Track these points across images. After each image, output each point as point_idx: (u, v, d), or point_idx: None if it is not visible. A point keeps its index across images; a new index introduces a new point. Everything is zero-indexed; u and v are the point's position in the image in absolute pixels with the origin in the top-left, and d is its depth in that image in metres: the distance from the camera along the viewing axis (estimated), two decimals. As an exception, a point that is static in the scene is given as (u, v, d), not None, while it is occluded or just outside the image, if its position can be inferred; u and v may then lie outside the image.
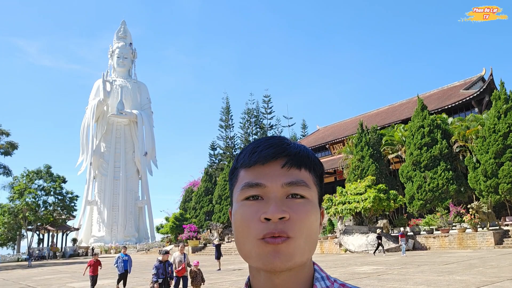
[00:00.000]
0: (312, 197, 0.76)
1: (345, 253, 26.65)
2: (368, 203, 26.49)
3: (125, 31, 75.81)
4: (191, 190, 58.87)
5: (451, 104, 36.78)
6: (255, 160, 0.76)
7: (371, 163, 32.69)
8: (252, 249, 0.71)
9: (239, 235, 0.74)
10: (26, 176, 53.14)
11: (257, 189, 0.74)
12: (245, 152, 0.79)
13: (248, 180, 0.75)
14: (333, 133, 51.78)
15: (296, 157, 0.77)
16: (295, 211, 0.72)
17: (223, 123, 76.82)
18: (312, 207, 0.75)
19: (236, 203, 0.77)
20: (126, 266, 13.77)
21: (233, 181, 0.81)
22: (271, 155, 0.75)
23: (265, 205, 0.72)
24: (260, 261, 0.71)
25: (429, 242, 25.11)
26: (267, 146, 0.77)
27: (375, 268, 15.80)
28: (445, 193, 28.19)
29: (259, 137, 8.31)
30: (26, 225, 53.07)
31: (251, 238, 0.71)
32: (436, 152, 29.16)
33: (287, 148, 0.77)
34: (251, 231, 0.71)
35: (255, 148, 0.78)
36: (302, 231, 0.71)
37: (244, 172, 0.77)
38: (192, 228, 42.24)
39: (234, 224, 0.76)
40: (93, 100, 68.53)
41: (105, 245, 58.79)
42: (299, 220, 0.72)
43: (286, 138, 0.82)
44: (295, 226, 0.71)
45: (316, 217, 0.76)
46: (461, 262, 15.92)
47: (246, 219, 0.72)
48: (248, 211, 0.73)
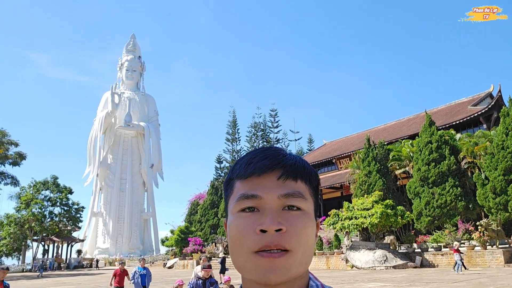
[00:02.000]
0: (308, 208, 0.75)
1: (352, 269, 26.31)
2: (375, 219, 26.22)
3: (134, 45, 76.83)
4: (196, 203, 58.76)
5: (459, 120, 36.60)
6: (251, 172, 0.75)
7: (378, 178, 32.47)
8: (247, 261, 0.70)
9: (234, 246, 0.73)
10: (33, 187, 53.39)
11: (252, 200, 0.73)
12: (241, 163, 0.78)
13: (243, 192, 0.74)
14: (340, 148, 51.63)
15: (292, 168, 0.76)
16: (292, 223, 0.71)
17: (229, 136, 77.02)
18: (309, 219, 0.74)
19: (232, 215, 0.75)
20: (144, 282, 12.17)
21: (228, 192, 0.79)
22: (267, 166, 0.74)
23: (261, 217, 0.71)
24: (255, 274, 0.69)
25: (437, 259, 24.73)
26: (263, 157, 0.76)
27: (382, 285, 15.56)
28: (453, 209, 27.86)
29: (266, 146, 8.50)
30: (31, 235, 53.13)
31: (246, 250, 0.70)
32: (444, 168, 28.92)
33: (283, 159, 0.76)
34: (246, 243, 0.70)
35: (251, 159, 0.77)
36: (299, 244, 0.70)
37: (239, 183, 0.76)
38: (197, 241, 42.01)
39: (229, 236, 0.75)
40: (101, 112, 69.14)
41: (109, 257, 58.57)
42: (296, 232, 0.70)
43: (282, 149, 0.81)
44: (292, 239, 0.69)
45: (313, 229, 0.75)
46: (471, 280, 15.64)
47: (242, 231, 0.71)
48: (244, 222, 0.72)
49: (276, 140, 78.92)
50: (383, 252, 25.61)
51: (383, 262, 25.01)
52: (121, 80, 75.27)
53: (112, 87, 69.70)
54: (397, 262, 24.85)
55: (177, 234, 45.20)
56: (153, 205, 70.75)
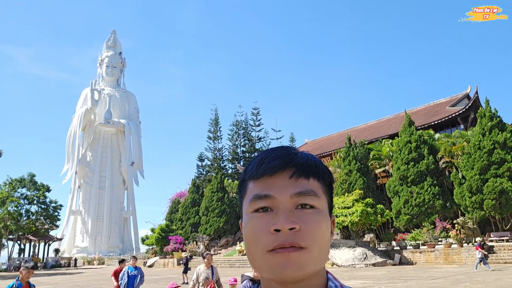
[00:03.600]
0: (322, 206, 0.75)
1: (332, 267, 26.57)
2: (355, 217, 26.55)
3: (114, 40, 75.69)
4: (177, 201, 58.30)
5: (437, 121, 37.34)
6: (263, 172, 0.75)
7: (359, 177, 32.86)
8: (262, 261, 0.71)
9: (250, 247, 0.73)
10: (9, 184, 52.03)
11: (266, 200, 0.73)
12: (253, 164, 0.79)
13: (256, 192, 0.74)
14: (321, 147, 52.04)
15: (304, 166, 0.76)
16: (305, 221, 0.71)
17: (211, 134, 76.69)
18: (323, 217, 0.74)
19: (246, 216, 0.76)
20: (132, 284, 10.15)
21: (242, 193, 0.80)
22: (279, 166, 0.75)
23: (275, 217, 0.71)
24: (271, 272, 0.70)
25: (415, 257, 25.19)
26: (274, 157, 0.76)
27: (362, 283, 15.77)
28: (431, 208, 28.42)
29: (247, 150, 8.24)
30: (7, 234, 51.78)
31: (261, 250, 0.71)
32: (423, 167, 29.46)
33: (294, 158, 0.77)
34: (261, 243, 0.71)
35: (262, 160, 0.77)
36: (314, 242, 0.70)
37: (252, 184, 0.77)
38: (178, 239, 41.73)
39: (245, 237, 0.75)
40: (81, 109, 67.97)
41: (88, 256, 57.68)
42: (310, 230, 0.71)
43: (293, 148, 0.81)
44: (307, 237, 0.70)
45: (327, 226, 0.75)
46: (448, 277, 15.99)
47: (256, 231, 0.72)
48: (258, 223, 0.72)
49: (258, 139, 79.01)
50: (363, 250, 25.96)
51: (363, 260, 25.35)
52: (101, 76, 74.09)
53: (91, 83, 68.53)
54: (376, 259, 25.22)
55: (158, 233, 44.81)
56: (133, 203, 69.97)
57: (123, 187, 69.54)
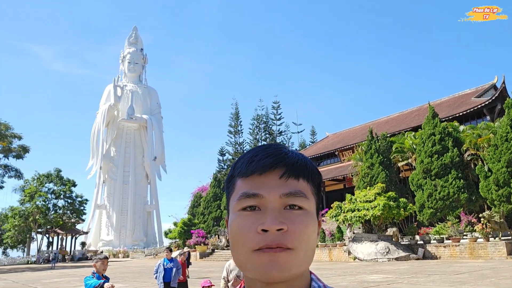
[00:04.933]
0: (310, 208, 0.75)
1: (354, 261, 26.42)
2: (377, 211, 26.26)
3: (136, 37, 76.62)
4: (199, 196, 58.95)
5: (462, 112, 36.43)
6: (253, 170, 0.74)
7: (381, 170, 32.45)
8: (248, 260, 0.70)
9: (235, 246, 0.73)
10: (37, 179, 53.69)
11: (254, 199, 0.72)
12: (243, 160, 0.77)
13: (245, 190, 0.73)
14: (343, 140, 51.56)
15: (294, 167, 0.75)
16: (293, 222, 0.70)
17: (232, 128, 77.04)
18: (311, 218, 0.74)
19: (233, 213, 0.75)
20: (169, 277, 9.51)
21: (230, 190, 0.79)
22: (269, 165, 0.73)
23: (262, 216, 0.70)
24: (257, 272, 0.69)
25: (439, 251, 24.78)
26: (265, 155, 0.75)
27: (384, 277, 15.63)
28: (456, 201, 27.85)
29: (268, 143, 8.52)
30: (36, 228, 53.54)
31: (247, 249, 0.70)
32: (447, 160, 28.86)
33: (285, 157, 0.75)
34: (247, 243, 0.70)
35: (252, 157, 0.76)
36: (301, 243, 0.70)
37: (241, 181, 0.75)
38: (200, 233, 42.22)
39: (230, 234, 0.74)
40: (104, 105, 69.21)
41: (113, 249, 59.01)
42: (298, 231, 0.70)
43: (285, 147, 0.80)
44: (294, 238, 0.69)
45: (314, 228, 0.75)
46: (473, 272, 15.68)
47: (243, 230, 0.71)
48: (245, 222, 0.71)
49: (278, 133, 78.89)
50: (386, 244, 25.68)
51: (386, 254, 25.09)
52: (123, 72, 75.22)
53: (114, 80, 69.71)
54: (399, 254, 24.92)
55: (180, 227, 45.45)
56: (156, 197, 71.05)
57: (146, 181, 70.68)
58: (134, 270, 27.79)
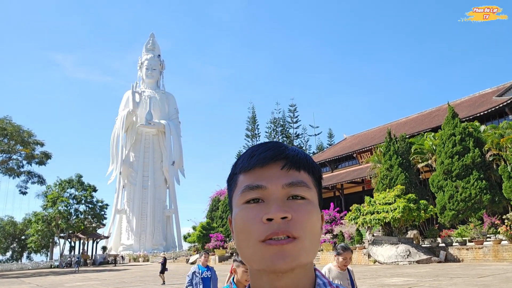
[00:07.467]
0: (312, 197, 0.77)
1: (374, 264, 26.10)
2: (397, 213, 25.91)
3: (153, 43, 77.67)
4: (217, 199, 59.18)
5: (483, 112, 35.69)
6: (254, 163, 0.76)
7: (400, 172, 32.02)
8: (254, 252, 0.70)
9: (240, 238, 0.73)
10: (59, 185, 54.80)
11: (257, 191, 0.73)
12: (244, 157, 0.80)
13: (248, 183, 0.75)
14: (361, 142, 51.09)
15: (295, 159, 0.77)
16: (297, 211, 0.71)
17: (249, 132, 77.24)
18: (314, 208, 0.75)
19: (236, 207, 0.77)
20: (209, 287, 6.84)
21: (232, 187, 0.81)
22: (270, 157, 0.76)
23: (266, 207, 0.72)
24: (264, 263, 0.69)
25: (462, 254, 24.28)
26: (265, 149, 0.78)
27: (405, 280, 15.40)
28: (478, 203, 27.26)
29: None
30: (58, 232, 54.62)
31: (253, 240, 0.70)
32: (468, 161, 28.31)
33: (285, 150, 0.78)
34: (253, 234, 0.70)
35: (253, 152, 0.78)
36: (305, 231, 0.71)
37: (243, 176, 0.77)
38: (218, 237, 42.37)
39: (235, 229, 0.76)
40: (123, 111, 70.27)
41: (133, 253, 59.70)
42: (302, 219, 0.71)
43: (283, 143, 0.82)
44: (299, 226, 0.70)
45: (318, 217, 0.76)
46: (497, 275, 15.31)
47: (247, 222, 0.72)
48: (249, 213, 0.72)
49: (295, 136, 78.67)
50: (406, 247, 25.30)
51: (406, 257, 24.72)
52: (141, 79, 76.30)
53: (132, 86, 70.74)
54: (420, 257, 24.51)
55: (199, 230, 45.72)
56: (175, 201, 71.66)
57: (165, 186, 71.37)
58: (154, 274, 28.05)
